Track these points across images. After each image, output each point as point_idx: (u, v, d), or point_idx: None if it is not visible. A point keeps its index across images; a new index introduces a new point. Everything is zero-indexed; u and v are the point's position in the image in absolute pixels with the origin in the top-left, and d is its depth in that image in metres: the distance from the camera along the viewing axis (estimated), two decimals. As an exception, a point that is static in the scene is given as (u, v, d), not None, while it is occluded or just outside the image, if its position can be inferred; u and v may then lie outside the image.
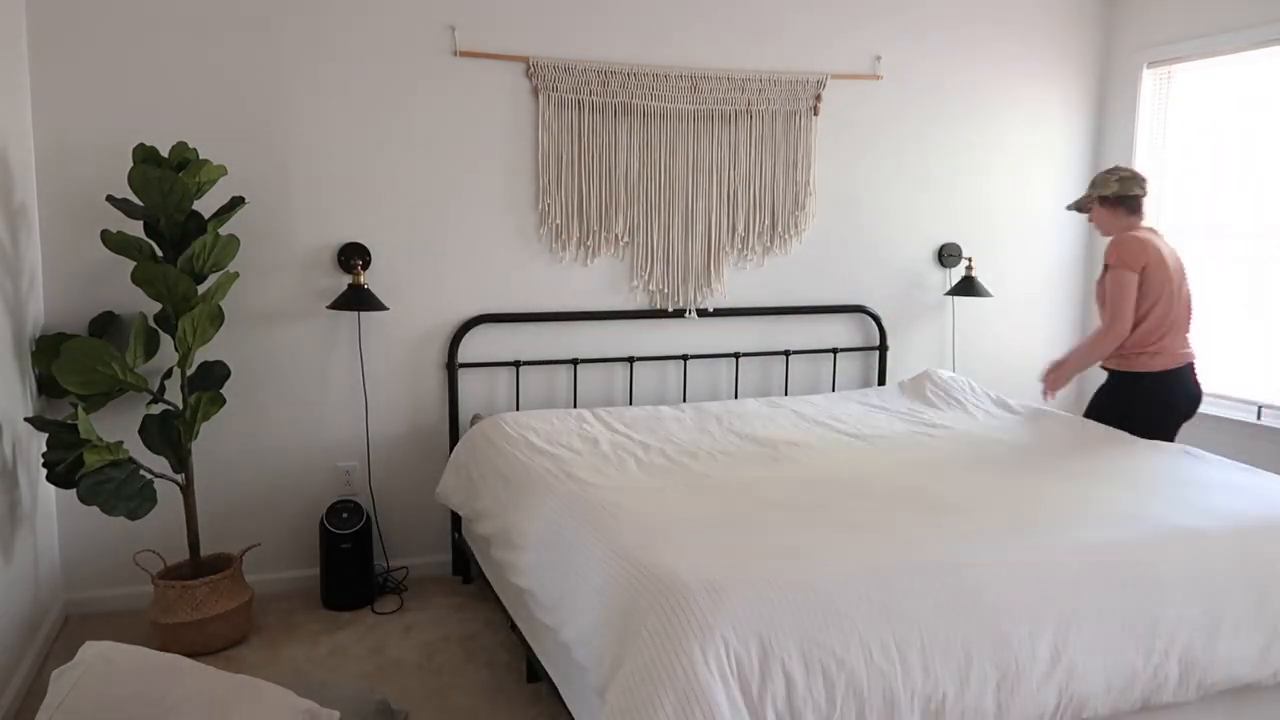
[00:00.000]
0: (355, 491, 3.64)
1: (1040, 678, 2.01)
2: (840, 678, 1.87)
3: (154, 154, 2.95)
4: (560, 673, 2.43)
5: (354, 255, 3.51)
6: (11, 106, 2.95)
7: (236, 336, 3.40)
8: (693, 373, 4.05)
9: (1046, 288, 4.60)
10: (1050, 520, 2.36)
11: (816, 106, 4.05)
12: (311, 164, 3.46)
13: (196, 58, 3.30)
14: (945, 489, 2.60)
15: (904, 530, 2.26)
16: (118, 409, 3.23)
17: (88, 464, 2.76)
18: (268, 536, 3.55)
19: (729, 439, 3.20)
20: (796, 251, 4.12)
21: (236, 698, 2.05)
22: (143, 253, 2.95)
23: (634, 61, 3.77)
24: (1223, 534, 2.33)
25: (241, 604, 3.15)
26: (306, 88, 3.42)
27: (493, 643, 3.18)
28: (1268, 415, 3.88)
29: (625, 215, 3.84)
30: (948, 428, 3.39)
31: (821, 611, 1.91)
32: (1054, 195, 4.54)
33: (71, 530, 3.34)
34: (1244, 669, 2.22)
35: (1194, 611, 2.18)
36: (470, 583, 3.70)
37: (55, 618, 3.23)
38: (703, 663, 1.78)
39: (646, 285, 3.92)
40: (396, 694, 2.82)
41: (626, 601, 1.97)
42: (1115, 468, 2.85)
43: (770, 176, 4.02)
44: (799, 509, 2.41)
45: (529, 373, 3.82)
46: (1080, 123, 4.54)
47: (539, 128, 3.69)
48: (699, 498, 2.50)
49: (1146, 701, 2.14)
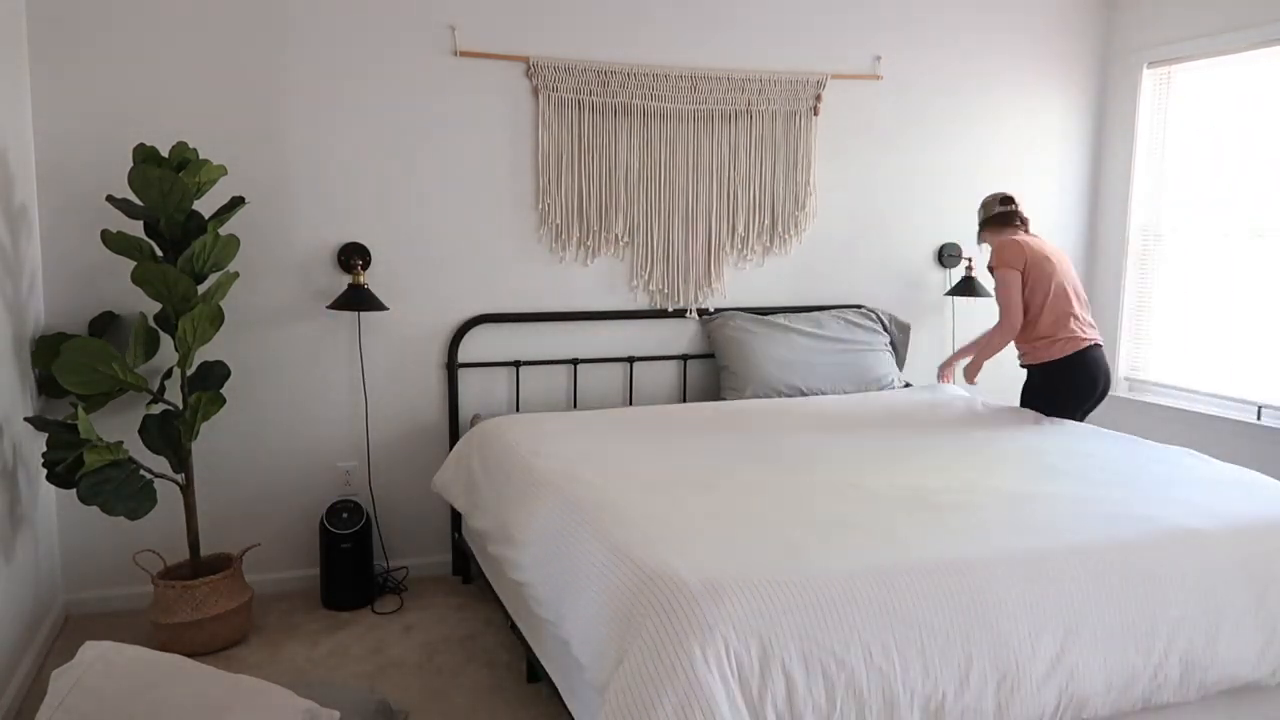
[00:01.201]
0: (355, 491, 3.64)
1: (1040, 678, 2.01)
2: (840, 678, 1.87)
3: (154, 154, 2.95)
4: (560, 672, 2.43)
5: (354, 255, 3.51)
6: (11, 107, 2.95)
7: (236, 336, 3.40)
8: (692, 373, 4.05)
9: (1046, 288, 4.60)
10: (1050, 520, 2.36)
11: (816, 106, 4.05)
12: (311, 164, 3.46)
13: (196, 58, 3.30)
14: (945, 488, 2.59)
15: (904, 530, 2.26)
16: (118, 409, 3.23)
17: (88, 464, 2.76)
18: (268, 536, 3.55)
19: (729, 438, 3.20)
20: (796, 251, 4.12)
21: (236, 698, 2.05)
22: (143, 253, 2.95)
23: (634, 61, 3.77)
24: (1223, 534, 2.33)
25: (241, 604, 3.15)
26: (307, 88, 3.43)
27: (493, 643, 3.18)
28: (1268, 415, 3.88)
29: (625, 215, 3.84)
30: (950, 427, 3.39)
31: (821, 611, 1.91)
32: (1054, 195, 4.54)
33: (71, 530, 3.34)
34: (1244, 669, 2.23)
35: (1194, 611, 2.18)
36: (470, 583, 3.70)
37: (55, 618, 3.23)
38: (703, 662, 1.78)
39: (646, 285, 3.93)
40: (396, 694, 2.82)
41: (627, 600, 1.97)
42: (1114, 468, 2.85)
43: (770, 176, 4.02)
44: (799, 508, 2.41)
45: (529, 373, 3.82)
46: (1080, 123, 4.54)
47: (539, 128, 3.69)
48: (699, 497, 2.50)
49: (1147, 702, 2.14)
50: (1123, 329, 4.52)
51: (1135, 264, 4.48)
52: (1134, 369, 4.53)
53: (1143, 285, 4.47)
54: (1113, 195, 4.53)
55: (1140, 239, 4.46)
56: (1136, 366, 4.52)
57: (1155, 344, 4.44)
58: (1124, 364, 4.55)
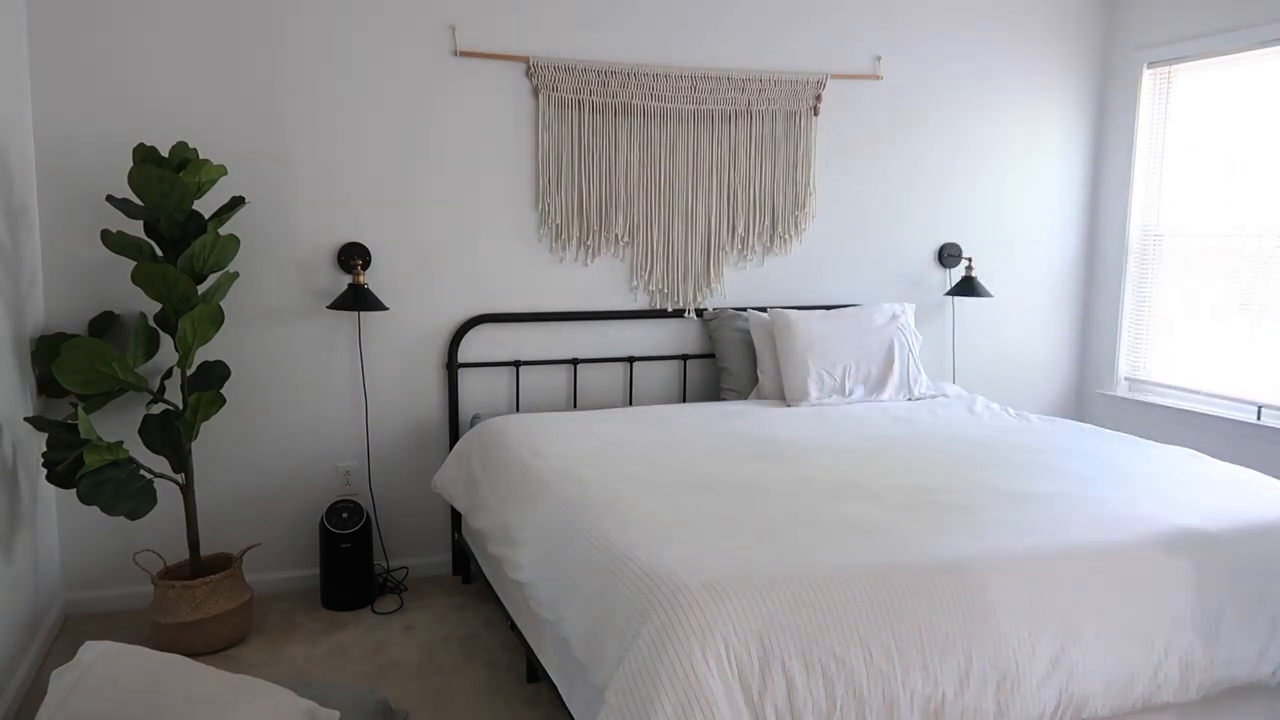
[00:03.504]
0: (355, 491, 3.64)
1: (1040, 678, 2.01)
2: (840, 678, 1.87)
3: (154, 154, 2.95)
4: (560, 673, 2.43)
5: (354, 255, 3.51)
6: (12, 106, 2.95)
7: (236, 336, 3.40)
8: (692, 373, 4.05)
9: (1047, 287, 4.60)
10: (1050, 520, 2.36)
11: (816, 106, 4.05)
12: (311, 164, 3.46)
13: (196, 58, 3.30)
14: (946, 488, 2.59)
15: (904, 530, 2.26)
16: (118, 409, 3.23)
17: (88, 464, 2.76)
18: (268, 536, 3.55)
19: (730, 438, 3.20)
20: (796, 251, 4.12)
21: (236, 698, 2.05)
22: (143, 253, 2.95)
23: (634, 61, 3.77)
24: (1223, 534, 2.33)
25: (241, 604, 3.15)
26: (307, 88, 3.43)
27: (493, 643, 3.18)
28: (1268, 415, 3.88)
29: (625, 215, 3.84)
30: (949, 427, 3.39)
31: (821, 611, 1.91)
32: (1054, 195, 4.54)
33: (71, 530, 3.34)
34: (1244, 669, 2.23)
35: (1194, 611, 2.18)
36: (470, 583, 3.70)
37: (55, 618, 3.23)
38: (703, 662, 1.78)
39: (646, 285, 3.93)
40: (396, 694, 2.82)
41: (627, 601, 1.97)
42: (1114, 468, 2.85)
43: (770, 176, 4.02)
44: (799, 508, 2.41)
45: (529, 373, 3.82)
46: (1080, 123, 4.54)
47: (539, 128, 3.69)
48: (700, 497, 2.50)
49: (1146, 702, 2.14)
50: (1123, 329, 4.52)
51: (1135, 264, 4.48)
52: (1134, 369, 4.53)
53: (1143, 285, 4.47)
54: (1113, 195, 4.53)
55: (1140, 239, 4.46)
56: (1136, 366, 4.52)
57: (1155, 344, 4.44)
58: (1124, 364, 4.55)
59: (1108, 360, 4.58)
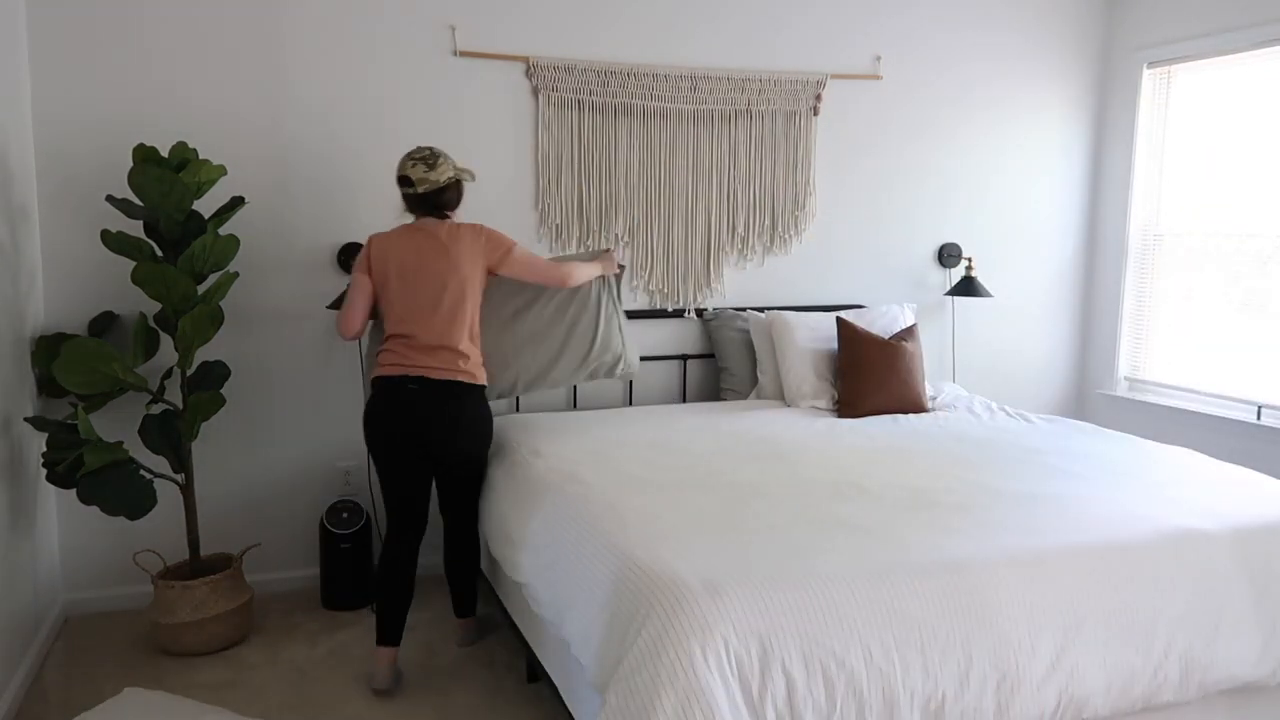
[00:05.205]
0: (355, 491, 3.64)
1: (1040, 678, 2.01)
2: (840, 678, 1.87)
3: (154, 154, 2.95)
4: (560, 672, 2.43)
5: (354, 255, 3.50)
6: (12, 107, 2.95)
7: (236, 336, 3.40)
8: (692, 373, 4.05)
9: (1047, 287, 4.60)
10: (1050, 520, 2.36)
11: (816, 106, 4.04)
12: (311, 164, 3.46)
13: (196, 58, 3.30)
14: (945, 489, 2.59)
15: (904, 530, 2.26)
16: (118, 409, 3.23)
17: (88, 464, 2.76)
18: (268, 536, 3.54)
19: (730, 439, 3.20)
20: (796, 251, 4.12)
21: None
22: (143, 253, 2.95)
23: (634, 61, 3.77)
24: (1223, 534, 2.33)
25: (241, 604, 3.15)
26: (307, 87, 3.42)
27: (493, 643, 3.18)
28: (1268, 415, 3.88)
29: (625, 215, 3.84)
30: (949, 427, 3.39)
31: (821, 611, 1.91)
32: (1054, 195, 4.54)
33: (71, 530, 3.34)
34: (1243, 669, 2.23)
35: (1194, 611, 2.18)
36: (470, 583, 3.70)
37: (55, 618, 3.23)
38: (703, 662, 1.78)
39: (646, 285, 3.92)
40: (396, 693, 2.82)
41: (627, 601, 1.97)
42: (1114, 468, 2.85)
43: (770, 176, 4.02)
44: (799, 508, 2.41)
45: (529, 373, 3.82)
46: (1080, 123, 4.54)
47: (539, 128, 3.69)
48: (700, 497, 2.50)
49: (1147, 702, 2.14)
50: (1123, 329, 4.52)
51: (1135, 264, 4.48)
52: (1134, 369, 4.53)
53: (1143, 285, 4.47)
54: (1113, 195, 4.53)
55: (1140, 239, 4.46)
56: (1137, 366, 4.52)
57: (1155, 344, 4.44)
58: (1124, 364, 4.55)
59: (1108, 360, 4.58)
